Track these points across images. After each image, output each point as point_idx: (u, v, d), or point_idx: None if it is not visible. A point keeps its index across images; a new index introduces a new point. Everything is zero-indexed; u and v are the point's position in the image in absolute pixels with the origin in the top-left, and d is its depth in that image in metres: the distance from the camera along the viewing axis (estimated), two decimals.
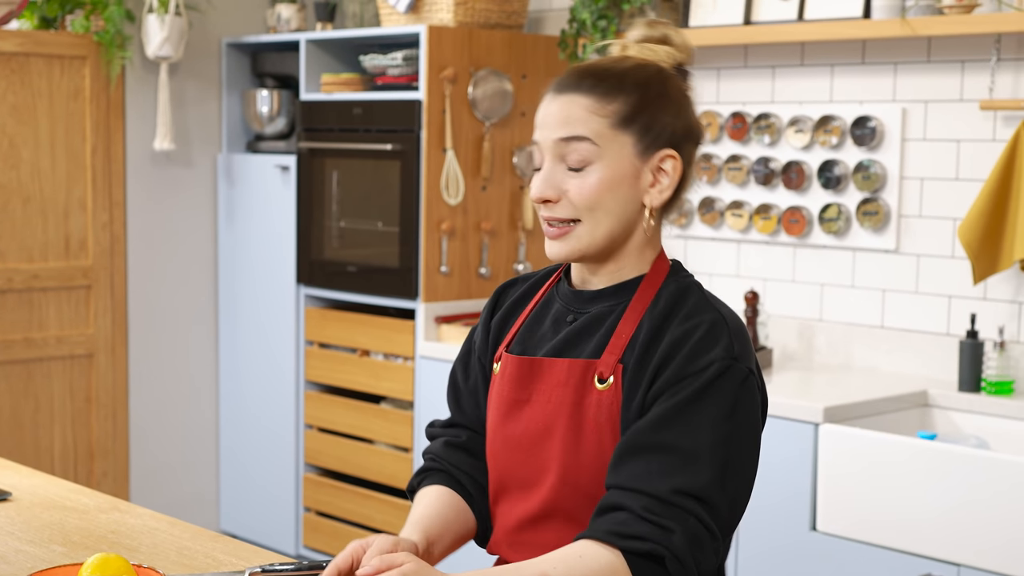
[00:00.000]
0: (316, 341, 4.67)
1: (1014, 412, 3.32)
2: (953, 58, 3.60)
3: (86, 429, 4.73)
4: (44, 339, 4.59)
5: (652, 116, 1.70)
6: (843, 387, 3.53)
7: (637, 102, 1.69)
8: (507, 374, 1.78)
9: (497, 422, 1.79)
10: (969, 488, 2.94)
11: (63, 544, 2.02)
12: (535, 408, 1.74)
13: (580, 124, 1.68)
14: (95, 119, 4.66)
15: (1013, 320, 3.51)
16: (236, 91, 5.02)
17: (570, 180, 1.70)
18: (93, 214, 4.68)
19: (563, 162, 1.70)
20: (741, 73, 4.05)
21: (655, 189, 1.72)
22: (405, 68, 4.33)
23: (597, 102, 1.69)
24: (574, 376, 1.71)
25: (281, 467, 4.81)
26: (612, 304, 1.74)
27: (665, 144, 1.71)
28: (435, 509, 1.83)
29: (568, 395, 1.71)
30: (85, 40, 4.59)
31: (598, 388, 1.69)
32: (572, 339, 1.74)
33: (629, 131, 1.69)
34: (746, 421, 1.64)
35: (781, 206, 3.96)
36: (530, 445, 1.74)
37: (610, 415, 1.67)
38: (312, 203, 4.64)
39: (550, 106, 1.72)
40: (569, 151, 1.69)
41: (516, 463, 1.76)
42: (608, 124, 1.68)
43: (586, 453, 1.69)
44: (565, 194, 1.70)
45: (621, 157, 1.69)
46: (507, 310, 1.88)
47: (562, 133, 1.69)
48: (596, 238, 1.71)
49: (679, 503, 1.57)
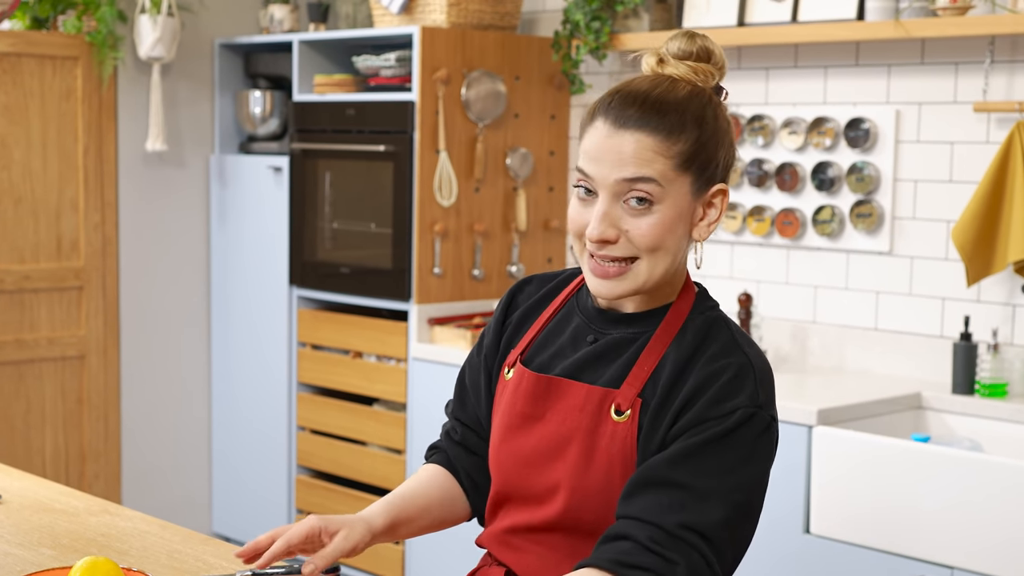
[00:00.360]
0: (309, 343, 4.66)
1: (1008, 415, 3.31)
2: (947, 60, 3.59)
3: (77, 431, 4.71)
4: (35, 340, 4.58)
5: (710, 154, 1.67)
6: (837, 389, 3.52)
7: (697, 140, 1.65)
8: (522, 388, 1.76)
9: (505, 434, 1.78)
10: (963, 490, 2.94)
11: (52, 547, 2.01)
12: (548, 427, 1.72)
13: (646, 165, 1.63)
14: (87, 120, 4.65)
15: (1007, 322, 3.51)
16: (229, 92, 5.00)
17: (629, 220, 1.65)
18: (85, 215, 4.67)
19: (619, 200, 1.65)
20: (735, 75, 4.04)
21: (703, 223, 1.70)
22: (398, 69, 4.32)
23: (663, 143, 1.63)
24: (591, 403, 1.69)
25: (273, 469, 4.80)
26: (637, 331, 1.72)
27: (716, 179, 1.69)
28: (421, 488, 1.87)
29: (584, 421, 1.69)
30: (77, 40, 4.58)
31: (614, 419, 1.67)
32: (592, 361, 1.72)
33: (690, 172, 1.66)
34: (760, 468, 1.63)
35: (775, 208, 3.95)
36: (539, 463, 1.73)
37: (623, 448, 1.66)
38: (305, 204, 4.63)
39: (609, 140, 1.64)
40: (632, 190, 1.63)
41: (522, 478, 1.75)
42: (672, 166, 1.64)
43: (594, 481, 1.68)
44: (625, 234, 1.65)
45: (681, 196, 1.66)
46: (523, 313, 1.86)
47: (628, 174, 1.63)
48: (654, 277, 1.68)
49: (685, 537, 1.56)
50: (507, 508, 1.79)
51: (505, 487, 1.78)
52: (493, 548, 1.80)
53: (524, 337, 1.82)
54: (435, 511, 1.87)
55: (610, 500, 1.67)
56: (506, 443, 1.77)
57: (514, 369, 1.80)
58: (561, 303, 1.83)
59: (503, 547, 1.78)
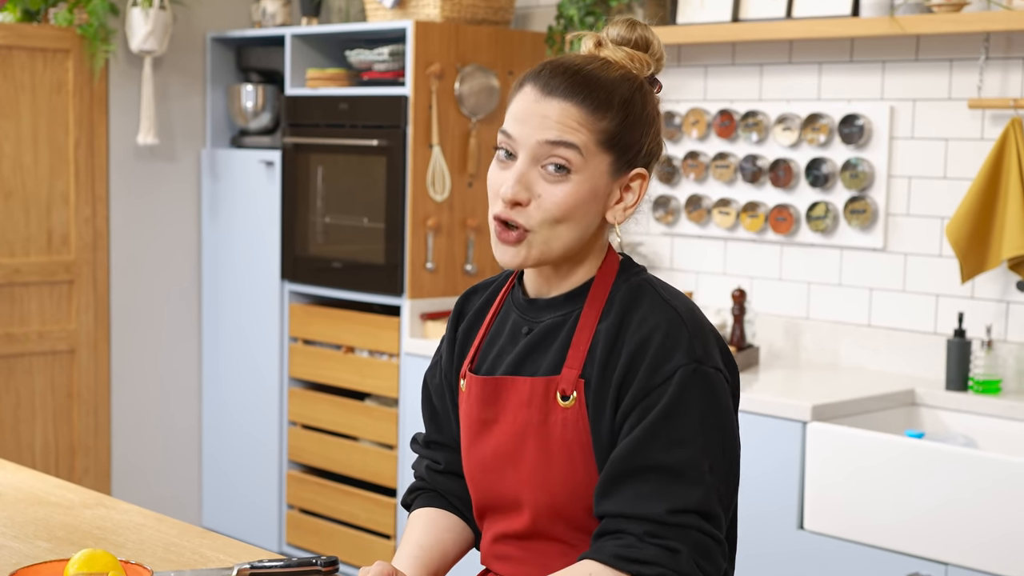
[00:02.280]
0: (300, 337, 4.65)
1: (1001, 411, 3.31)
2: (941, 56, 3.59)
3: (67, 425, 4.69)
4: (25, 334, 4.56)
5: (632, 138, 1.66)
6: (830, 386, 3.52)
7: (622, 122, 1.65)
8: (472, 394, 1.74)
9: (468, 443, 1.76)
10: (956, 487, 2.94)
11: (48, 540, 2.00)
12: (502, 429, 1.70)
13: (569, 131, 1.62)
14: (78, 113, 4.63)
15: (1000, 319, 3.51)
16: (220, 86, 4.99)
17: (544, 185, 1.64)
18: (76, 208, 4.65)
19: (537, 164, 1.64)
20: (729, 70, 4.04)
21: (619, 206, 1.68)
22: (391, 63, 4.31)
23: (588, 116, 1.63)
24: (536, 395, 1.67)
25: (264, 464, 4.79)
26: (566, 312, 1.70)
27: (636, 164, 1.68)
28: (433, 536, 1.82)
29: (533, 415, 1.67)
30: (68, 33, 4.56)
31: (562, 406, 1.65)
32: (529, 353, 1.70)
33: (611, 151, 1.65)
34: (720, 421, 1.61)
35: (768, 204, 3.95)
36: (501, 468, 1.71)
37: (577, 433, 1.64)
38: (297, 199, 4.61)
39: (536, 105, 1.64)
40: (552, 154, 1.63)
41: (490, 485, 1.74)
42: (594, 140, 1.63)
43: (557, 473, 1.65)
44: (538, 199, 1.64)
45: (598, 174, 1.65)
46: (469, 322, 1.84)
47: (551, 136, 1.62)
48: (553, 249, 1.66)
49: (679, 522, 1.55)
50: (488, 518, 1.77)
51: (481, 498, 1.77)
52: (490, 563, 1.79)
53: (472, 346, 1.80)
54: (452, 550, 1.84)
55: (576, 489, 1.65)
56: (470, 453, 1.75)
57: (466, 380, 1.78)
58: (499, 304, 1.80)
59: (498, 560, 1.77)
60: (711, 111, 4.07)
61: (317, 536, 4.57)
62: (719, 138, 4.05)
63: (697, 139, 4.10)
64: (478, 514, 1.79)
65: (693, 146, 4.11)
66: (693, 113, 4.08)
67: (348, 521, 4.46)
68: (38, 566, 1.74)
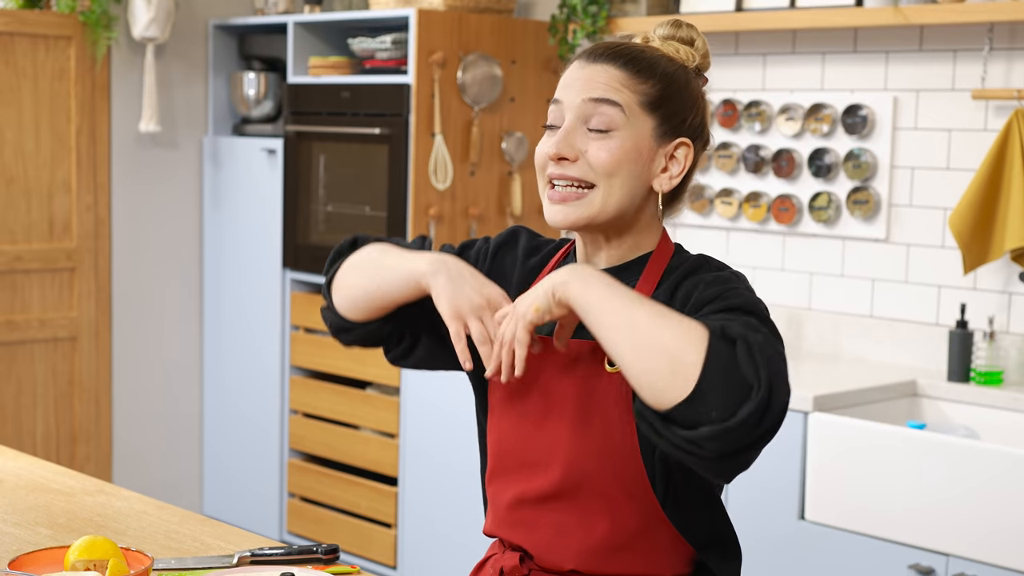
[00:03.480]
0: (302, 326, 4.64)
1: (1003, 402, 3.31)
2: (945, 47, 3.58)
3: (69, 413, 4.69)
4: (27, 321, 4.56)
5: (675, 106, 1.73)
6: (832, 376, 3.52)
7: (664, 89, 1.72)
8: None
9: (503, 401, 1.77)
10: (958, 478, 2.94)
11: (49, 527, 2.00)
12: (542, 389, 1.72)
13: (613, 91, 1.69)
14: (80, 100, 4.62)
15: (1003, 310, 3.50)
16: (223, 73, 4.98)
17: (591, 142, 1.70)
18: (77, 196, 4.64)
19: (585, 124, 1.70)
20: (732, 60, 4.03)
21: (666, 175, 1.73)
22: (394, 52, 4.30)
23: (631, 78, 1.71)
24: (583, 358, 1.69)
25: (265, 452, 4.79)
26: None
27: (681, 134, 1.74)
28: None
29: (577, 378, 1.69)
30: (71, 20, 4.55)
31: (608, 371, 1.67)
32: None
33: (653, 115, 1.71)
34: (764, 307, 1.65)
35: (771, 194, 3.94)
36: (536, 427, 1.72)
37: (617, 398, 1.66)
38: (299, 187, 4.61)
39: (581, 71, 1.72)
40: (596, 113, 1.69)
41: (520, 443, 1.74)
42: (637, 101, 1.70)
43: (593, 436, 1.67)
44: (583, 154, 1.69)
45: (642, 135, 1.70)
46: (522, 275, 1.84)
47: (594, 94, 1.69)
48: (608, 207, 1.70)
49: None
50: (509, 480, 1.76)
51: (506, 457, 1.76)
52: (503, 532, 1.78)
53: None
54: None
55: (609, 458, 1.66)
56: (504, 410, 1.76)
57: None
58: (551, 269, 1.82)
59: (513, 527, 1.76)
60: (714, 101, 4.06)
61: (318, 524, 4.58)
62: (722, 128, 4.04)
63: None
64: (491, 474, 1.79)
65: None
66: None
67: (349, 510, 4.46)
68: (39, 553, 1.74)
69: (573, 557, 1.70)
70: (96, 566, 1.66)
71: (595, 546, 1.69)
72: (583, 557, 1.69)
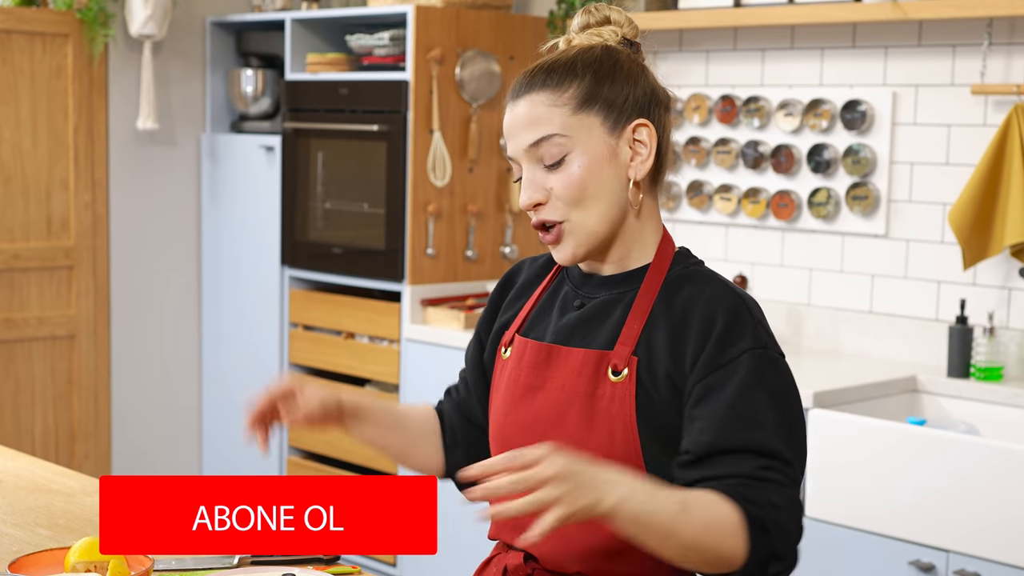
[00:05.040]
0: (300, 323, 4.64)
1: (1003, 398, 3.31)
2: (944, 42, 3.58)
3: (67, 411, 4.69)
4: (25, 320, 4.55)
5: (611, 91, 1.70)
6: (832, 372, 3.52)
7: (591, 81, 1.69)
8: (525, 359, 1.77)
9: (508, 406, 1.77)
10: (958, 474, 2.94)
11: (49, 528, 1.99)
12: (548, 395, 1.73)
13: (543, 123, 1.68)
14: (77, 97, 4.61)
15: (1003, 306, 3.50)
16: (220, 70, 4.97)
17: (551, 178, 1.69)
18: (75, 194, 4.64)
19: (540, 163, 1.70)
20: (731, 56, 4.02)
21: (636, 161, 1.71)
22: (392, 48, 4.29)
23: (554, 92, 1.69)
24: (588, 366, 1.70)
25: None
26: (621, 292, 1.73)
27: (633, 115, 1.71)
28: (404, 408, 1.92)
29: (582, 386, 1.70)
30: (68, 17, 4.54)
31: (612, 380, 1.67)
32: (581, 326, 1.73)
33: (593, 111, 1.69)
34: (790, 402, 1.63)
35: (770, 190, 3.94)
36: (541, 432, 1.72)
37: (622, 408, 1.66)
38: (297, 184, 4.60)
39: (512, 113, 1.72)
40: (542, 152, 1.68)
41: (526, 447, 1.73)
42: (570, 111, 1.68)
43: (596, 444, 1.68)
44: (551, 192, 1.69)
45: (593, 139, 1.69)
46: (519, 291, 1.88)
47: (530, 138, 1.69)
48: (592, 227, 1.70)
49: (771, 477, 1.57)
50: None
51: None
52: (507, 535, 1.78)
53: (520, 314, 1.83)
54: (408, 433, 1.89)
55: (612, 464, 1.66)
56: (509, 415, 1.77)
57: (512, 347, 1.80)
58: (552, 277, 1.85)
59: (516, 530, 1.76)
60: (713, 96, 4.05)
61: None
62: (721, 124, 4.03)
63: (699, 124, 4.09)
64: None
65: (694, 131, 4.10)
66: (695, 98, 4.07)
67: None
68: (39, 554, 1.73)
69: (577, 559, 1.70)
70: (97, 568, 1.66)
71: (599, 548, 1.69)
72: (587, 559, 1.70)
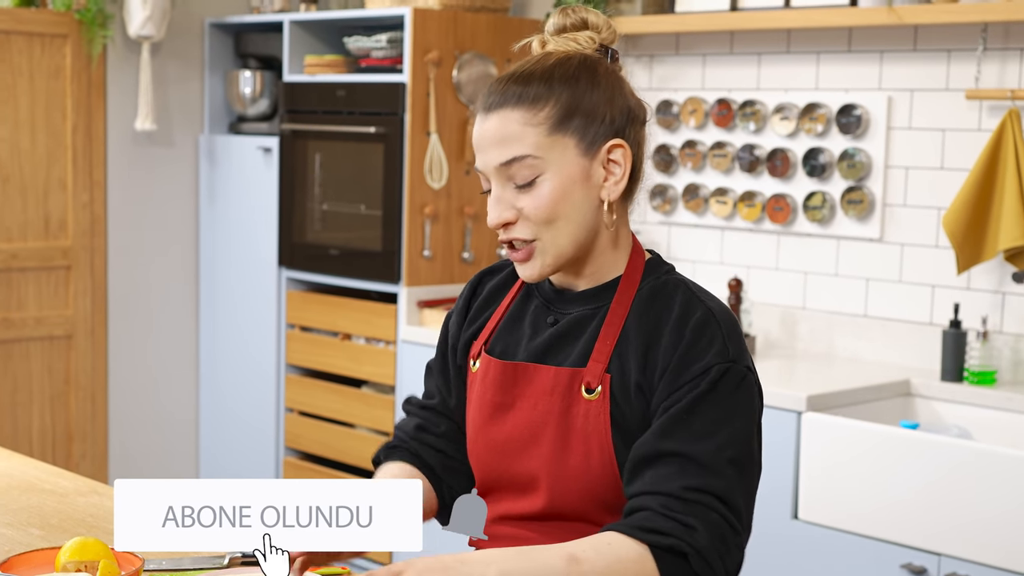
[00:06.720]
0: (297, 324, 4.65)
1: (996, 402, 3.32)
2: (939, 47, 3.59)
3: (64, 411, 4.69)
4: (23, 320, 4.56)
5: (587, 109, 1.65)
6: (826, 375, 3.52)
7: (568, 101, 1.64)
8: (489, 377, 1.75)
9: (479, 425, 1.76)
10: (951, 478, 2.94)
11: (41, 527, 2.00)
12: (520, 414, 1.71)
13: (516, 143, 1.63)
14: (76, 98, 4.62)
15: (996, 310, 3.51)
16: (219, 72, 4.98)
17: (522, 198, 1.65)
18: (73, 194, 4.64)
19: (511, 181, 1.65)
20: (727, 60, 4.03)
21: (609, 182, 1.67)
22: (389, 50, 4.30)
23: (527, 112, 1.63)
24: (560, 385, 1.68)
25: (261, 451, 4.79)
26: (594, 307, 1.71)
27: (608, 135, 1.66)
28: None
29: (555, 404, 1.68)
30: (66, 18, 4.55)
31: (586, 398, 1.66)
32: (555, 343, 1.71)
33: (568, 133, 1.64)
34: (745, 420, 1.62)
35: (766, 193, 3.95)
36: (516, 451, 1.71)
37: (597, 425, 1.65)
38: (294, 185, 4.61)
39: (483, 126, 1.66)
40: (513, 172, 1.64)
41: (502, 467, 1.74)
42: (544, 132, 1.63)
43: (573, 461, 1.67)
44: (521, 211, 1.65)
45: (566, 162, 1.64)
46: (484, 301, 1.85)
47: (501, 157, 1.64)
48: (562, 246, 1.66)
49: (698, 500, 1.55)
50: (492, 497, 1.77)
51: (487, 478, 1.77)
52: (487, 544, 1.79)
53: (487, 326, 1.81)
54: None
55: (590, 484, 1.66)
56: (481, 434, 1.76)
57: (480, 360, 1.78)
58: (519, 288, 1.81)
59: (498, 540, 1.76)
60: (709, 100, 4.06)
61: None
62: (717, 127, 4.04)
63: (695, 128, 4.10)
64: (482, 492, 1.79)
65: (691, 135, 4.11)
66: (691, 102, 4.08)
67: None
68: (30, 554, 1.74)
69: None
70: (87, 567, 1.66)
71: None
72: None
